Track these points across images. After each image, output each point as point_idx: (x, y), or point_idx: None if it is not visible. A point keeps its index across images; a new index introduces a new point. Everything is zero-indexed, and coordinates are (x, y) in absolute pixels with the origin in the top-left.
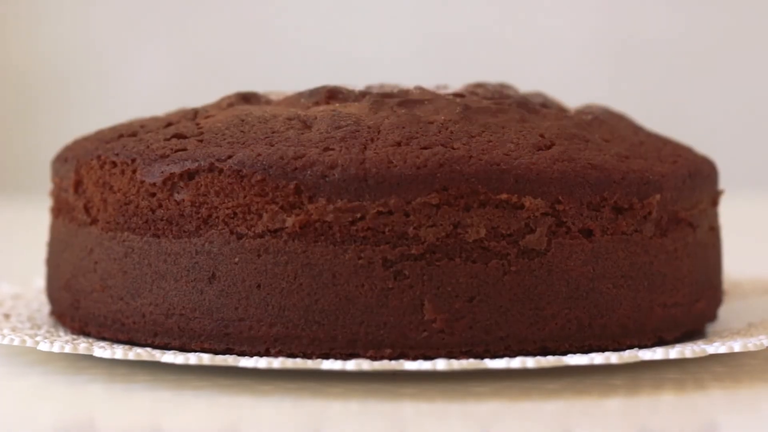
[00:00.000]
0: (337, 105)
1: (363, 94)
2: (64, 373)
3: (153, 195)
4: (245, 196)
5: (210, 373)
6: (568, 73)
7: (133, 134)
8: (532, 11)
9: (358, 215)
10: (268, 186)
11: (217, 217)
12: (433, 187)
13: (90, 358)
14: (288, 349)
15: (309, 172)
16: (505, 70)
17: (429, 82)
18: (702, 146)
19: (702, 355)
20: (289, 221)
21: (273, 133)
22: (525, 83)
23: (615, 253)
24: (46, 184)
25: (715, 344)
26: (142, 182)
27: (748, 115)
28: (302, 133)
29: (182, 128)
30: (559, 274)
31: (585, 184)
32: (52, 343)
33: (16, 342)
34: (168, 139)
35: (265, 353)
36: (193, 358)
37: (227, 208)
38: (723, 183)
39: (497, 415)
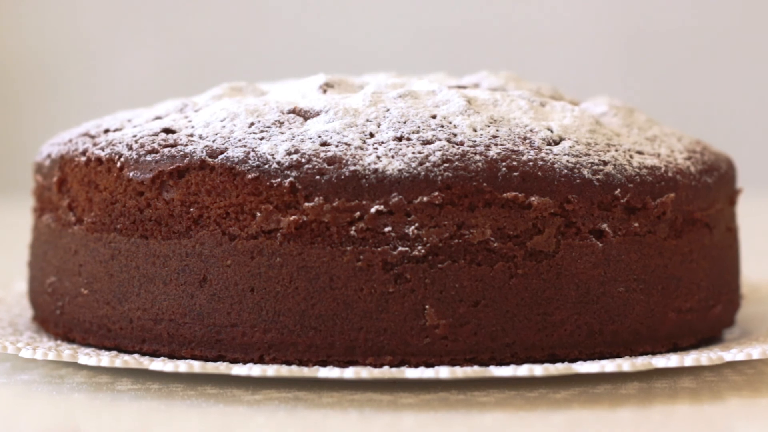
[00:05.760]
0: (335, 97)
1: (362, 86)
2: (48, 381)
3: (141, 194)
4: (238, 195)
5: (201, 381)
6: (579, 65)
7: (120, 129)
8: (542, 1)
9: (357, 215)
10: (262, 184)
11: (209, 218)
12: (435, 185)
13: (74, 366)
14: (283, 356)
15: (305, 169)
16: (515, 61)
17: (434, 74)
18: (719, 142)
19: (719, 362)
20: (284, 222)
21: (267, 127)
22: (534, 75)
23: (627, 256)
24: (28, 182)
25: (733, 351)
26: (130, 180)
27: None
28: (298, 127)
29: (171, 122)
30: (569, 278)
31: (595, 182)
32: (34, 349)
33: None
34: (156, 134)
35: (259, 360)
36: (183, 366)
37: (219, 208)
38: (741, 181)
39: (503, 426)
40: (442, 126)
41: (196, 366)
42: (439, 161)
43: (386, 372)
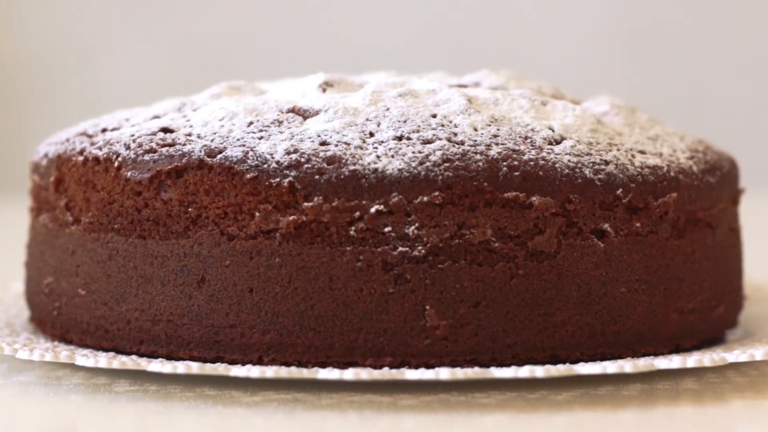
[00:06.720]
0: (335, 96)
1: (362, 85)
2: (45, 382)
3: (139, 194)
4: (236, 195)
5: (199, 382)
6: (580, 64)
7: (118, 128)
8: None
9: (357, 215)
10: (261, 184)
11: (207, 218)
12: (435, 185)
13: (72, 367)
14: (282, 357)
15: (304, 168)
16: (516, 60)
17: (434, 72)
18: (722, 141)
19: (721, 363)
20: (283, 222)
21: (266, 126)
22: (535, 74)
23: (629, 256)
24: (26, 182)
25: (736, 352)
26: (127, 180)
27: None
28: (297, 127)
29: (169, 121)
30: (570, 278)
31: (597, 181)
32: (31, 350)
33: None
34: (154, 133)
35: (258, 362)
36: (181, 367)
37: (217, 208)
38: (744, 181)
39: (504, 427)
40: (443, 125)
41: (195, 367)
42: (439, 161)
43: (386, 373)
